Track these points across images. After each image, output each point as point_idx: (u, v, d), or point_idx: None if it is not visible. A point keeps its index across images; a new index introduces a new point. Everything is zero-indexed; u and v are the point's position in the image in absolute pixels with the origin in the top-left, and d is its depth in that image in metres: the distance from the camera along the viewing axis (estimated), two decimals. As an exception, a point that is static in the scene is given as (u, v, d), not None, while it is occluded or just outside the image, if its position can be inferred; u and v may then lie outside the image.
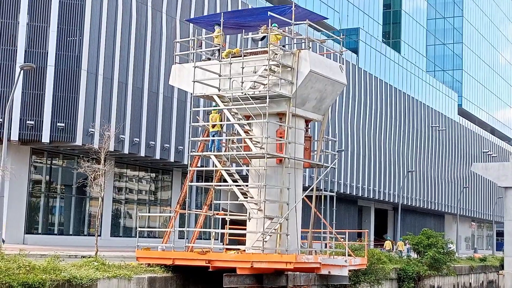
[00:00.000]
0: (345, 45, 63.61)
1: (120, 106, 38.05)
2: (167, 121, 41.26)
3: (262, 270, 23.39)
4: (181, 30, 42.07)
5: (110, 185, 39.99)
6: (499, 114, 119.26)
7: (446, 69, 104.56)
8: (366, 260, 28.39)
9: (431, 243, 44.47)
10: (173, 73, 27.78)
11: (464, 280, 55.46)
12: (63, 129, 34.86)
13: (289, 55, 24.85)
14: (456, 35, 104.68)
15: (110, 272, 20.98)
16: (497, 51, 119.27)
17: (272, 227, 23.61)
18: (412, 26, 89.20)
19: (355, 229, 62.38)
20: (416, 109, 76.70)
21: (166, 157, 41.19)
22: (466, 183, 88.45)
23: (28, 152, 36.65)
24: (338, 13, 66.79)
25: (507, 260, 56.71)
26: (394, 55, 78.19)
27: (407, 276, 41.21)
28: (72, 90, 35.37)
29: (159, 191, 46.53)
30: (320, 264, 23.44)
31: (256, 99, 24.59)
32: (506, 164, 58.93)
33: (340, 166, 58.12)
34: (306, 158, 26.22)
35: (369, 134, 65.53)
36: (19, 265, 18.58)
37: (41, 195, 37.98)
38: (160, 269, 23.40)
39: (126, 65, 38.59)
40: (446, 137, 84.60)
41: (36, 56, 34.85)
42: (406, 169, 71.10)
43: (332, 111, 56.07)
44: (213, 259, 23.20)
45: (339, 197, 41.81)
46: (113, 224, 42.06)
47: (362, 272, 33.89)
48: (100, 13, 36.98)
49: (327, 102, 26.53)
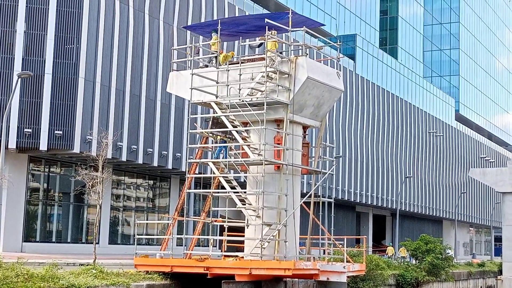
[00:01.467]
0: (342, 52, 63.79)
1: (117, 113, 38.06)
2: (164, 128, 41.27)
3: (260, 277, 23.37)
4: (178, 37, 42.14)
5: (108, 192, 39.98)
6: (496, 120, 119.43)
7: (443, 74, 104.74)
8: (365, 266, 28.38)
9: (429, 248, 44.48)
10: (170, 80, 27.80)
11: (463, 286, 55.42)
12: (61, 136, 34.85)
13: (286, 62, 24.89)
14: (452, 40, 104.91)
15: (109, 279, 20.93)
16: (494, 57, 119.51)
17: (270, 234, 23.60)
18: (409, 32, 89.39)
19: (353, 235, 62.39)
20: (414, 115, 76.79)
21: (164, 164, 41.18)
22: (464, 188, 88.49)
23: (26, 160, 36.62)
24: (335, 19, 66.91)
25: (506, 265, 56.72)
26: (391, 61, 78.32)
27: (405, 282, 41.19)
28: (69, 98, 35.38)
29: (157, 198, 46.51)
30: (318, 271, 23.43)
31: (254, 105, 24.61)
32: (503, 170, 58.98)
33: (338, 172, 58.14)
34: (304, 164, 26.23)
35: (367, 140, 65.58)
36: (17, 274, 18.54)
37: (39, 203, 37.94)
38: (159, 276, 23.37)
39: (124, 73, 38.62)
40: (443, 143, 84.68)
41: (34, 64, 34.87)
42: (404, 175, 71.13)
43: (329, 118, 56.12)
44: (212, 266, 23.17)
45: (337, 203, 41.85)
46: (111, 232, 42.00)
47: (360, 278, 33.87)
48: (98, 21, 37.02)
49: (325, 108, 26.56)
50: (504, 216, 57.79)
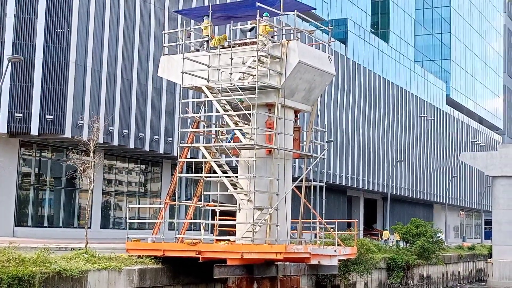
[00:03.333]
0: (334, 36, 63.65)
1: (109, 98, 37.95)
2: (156, 113, 41.20)
3: (252, 261, 23.45)
4: (169, 21, 41.95)
5: (99, 177, 39.95)
6: (487, 104, 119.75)
7: (434, 59, 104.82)
8: (356, 250, 28.49)
9: (420, 232, 44.73)
10: (161, 64, 27.71)
11: (453, 269, 55.86)
12: (52, 121, 34.75)
13: (278, 46, 24.85)
14: (444, 25, 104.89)
15: (100, 264, 20.97)
16: (485, 41, 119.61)
17: (262, 218, 23.67)
18: (401, 16, 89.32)
19: (345, 219, 62.66)
20: (405, 99, 76.90)
21: (155, 149, 41.14)
22: (455, 172, 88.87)
23: (16, 144, 36.51)
24: (326, 3, 66.78)
25: (496, 248, 57.16)
26: (382, 46, 78.29)
27: (396, 265, 41.48)
28: (60, 82, 35.25)
29: (149, 183, 46.51)
30: (310, 254, 23.51)
31: (245, 90, 24.59)
32: (494, 154, 59.31)
33: (329, 156, 58.24)
34: (295, 148, 26.25)
35: (358, 124, 65.68)
36: (8, 258, 18.54)
37: (31, 187, 37.88)
38: (151, 260, 23.42)
39: (115, 57, 38.47)
40: (434, 127, 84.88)
41: (24, 48, 34.67)
42: (395, 159, 71.34)
43: (321, 102, 56.11)
44: (203, 250, 23.22)
45: (328, 187, 41.91)
46: (103, 216, 42.02)
47: (351, 261, 34.06)
48: (88, 5, 36.81)
49: (316, 92, 26.56)
50: (495, 200, 58.15)
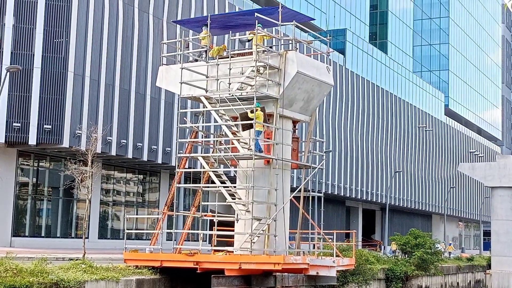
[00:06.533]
0: (332, 46, 63.80)
1: (107, 108, 37.94)
2: (154, 123, 41.19)
3: (250, 271, 23.38)
4: (168, 31, 42.02)
5: (97, 187, 39.87)
6: (485, 114, 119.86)
7: (432, 69, 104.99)
8: (354, 261, 28.42)
9: (419, 243, 44.62)
10: (160, 74, 27.69)
11: (452, 280, 55.69)
12: (50, 131, 34.73)
13: (276, 56, 24.86)
14: (442, 35, 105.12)
15: (98, 274, 20.88)
16: (483, 52, 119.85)
17: (260, 228, 23.60)
18: (399, 27, 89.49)
19: (343, 229, 62.53)
20: (403, 110, 76.97)
21: (153, 159, 41.11)
22: (453, 183, 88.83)
23: (14, 154, 36.47)
24: (325, 14, 66.91)
25: (494, 259, 56.99)
26: (381, 56, 78.41)
27: (395, 276, 41.32)
28: (58, 92, 35.25)
29: (147, 193, 46.43)
30: (308, 265, 23.44)
31: (244, 100, 24.57)
32: (492, 164, 59.20)
33: (327, 167, 58.23)
34: (293, 159, 26.22)
35: (357, 135, 65.69)
36: (6, 268, 18.47)
37: (28, 197, 37.80)
38: (148, 271, 23.34)
39: (113, 67, 38.50)
40: (433, 138, 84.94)
41: (22, 58, 34.70)
42: (394, 170, 71.31)
43: (319, 112, 56.17)
44: (201, 261, 23.15)
45: (327, 197, 41.90)
46: (100, 226, 41.92)
47: (350, 272, 33.93)
48: (87, 15, 36.87)
49: (315, 103, 26.55)
50: (493, 211, 58.02)
